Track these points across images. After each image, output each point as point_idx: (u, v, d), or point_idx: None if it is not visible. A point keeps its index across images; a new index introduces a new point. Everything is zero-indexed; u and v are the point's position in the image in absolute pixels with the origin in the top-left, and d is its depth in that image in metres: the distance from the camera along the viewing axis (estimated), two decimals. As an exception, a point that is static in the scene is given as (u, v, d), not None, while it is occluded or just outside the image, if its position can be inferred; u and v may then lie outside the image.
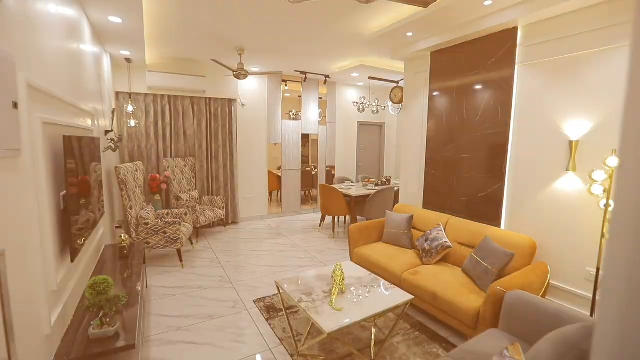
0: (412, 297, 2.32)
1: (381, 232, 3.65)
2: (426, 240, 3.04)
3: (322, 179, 6.76)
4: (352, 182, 5.68)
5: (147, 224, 3.58)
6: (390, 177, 5.80)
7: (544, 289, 2.36)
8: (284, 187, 6.30)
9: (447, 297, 2.40)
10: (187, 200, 4.82)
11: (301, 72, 5.63)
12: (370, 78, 5.40)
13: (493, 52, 2.80)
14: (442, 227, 3.09)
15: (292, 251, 4.40)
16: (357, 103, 5.37)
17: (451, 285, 2.51)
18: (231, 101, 5.39)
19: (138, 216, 3.65)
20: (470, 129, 3.02)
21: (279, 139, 6.09)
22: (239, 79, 4.21)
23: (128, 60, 4.25)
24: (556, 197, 2.48)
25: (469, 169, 3.07)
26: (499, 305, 2.06)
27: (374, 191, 4.94)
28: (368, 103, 5.29)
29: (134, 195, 3.79)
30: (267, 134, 5.93)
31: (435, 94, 3.37)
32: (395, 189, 5.07)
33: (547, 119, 2.50)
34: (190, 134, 5.14)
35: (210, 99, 5.22)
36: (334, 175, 6.97)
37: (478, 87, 2.95)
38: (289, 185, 6.34)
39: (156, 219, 4.04)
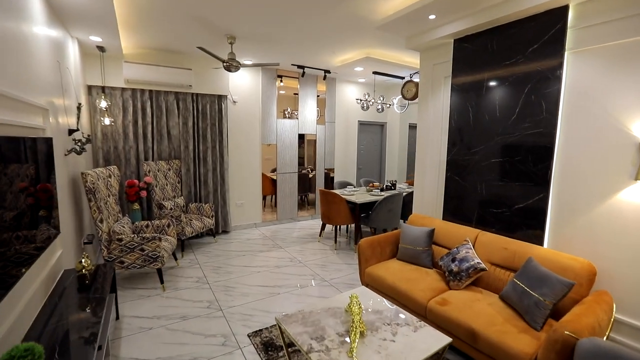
0: (450, 339, 1.84)
1: (395, 247, 3.18)
2: (453, 260, 2.57)
3: (320, 183, 6.26)
4: (354, 187, 5.20)
5: (120, 240, 3.02)
6: (395, 181, 5.34)
7: (610, 326, 1.91)
8: (279, 192, 5.78)
9: (490, 337, 1.93)
10: (171, 209, 4.26)
11: (299, 66, 5.12)
12: (375, 73, 4.93)
13: (535, 37, 2.35)
14: (470, 244, 2.63)
15: (290, 267, 3.89)
16: (361, 100, 4.89)
17: (492, 319, 2.04)
18: (221, 97, 4.86)
19: (110, 230, 3.09)
20: (505, 129, 2.57)
21: (274, 139, 5.57)
22: (230, 71, 3.68)
23: (101, 48, 3.68)
24: (620, 212, 2.04)
25: (502, 175, 2.61)
26: (569, 357, 1.59)
27: (380, 197, 4.47)
28: (372, 100, 4.82)
29: (107, 206, 3.23)
30: (260, 134, 5.41)
31: (459, 88, 2.91)
32: (404, 193, 4.61)
33: (609, 116, 2.06)
34: (175, 133, 4.58)
35: (197, 94, 4.67)
36: (331, 178, 6.48)
37: (515, 79, 2.49)
38: (285, 189, 5.83)
39: (133, 233, 3.49)
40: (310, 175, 6.62)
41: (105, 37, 3.33)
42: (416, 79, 4.28)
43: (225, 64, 3.61)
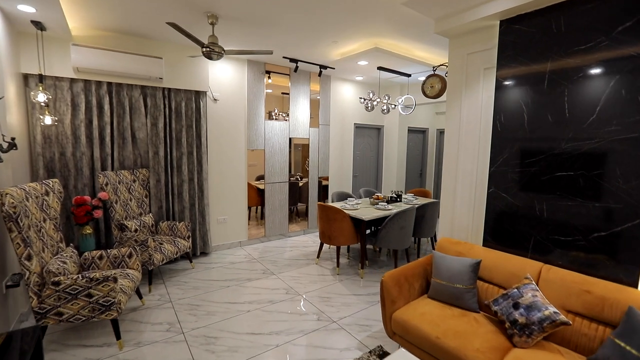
0: None
1: (424, 280, 2.53)
2: (516, 307, 1.94)
3: (312, 194, 5.55)
4: (355, 199, 4.53)
5: (57, 283, 2.18)
6: (401, 192, 4.72)
7: None
8: (268, 205, 5.01)
9: None
10: (136, 231, 3.42)
11: (291, 60, 4.42)
12: (380, 69, 4.30)
13: (628, 11, 1.78)
14: (533, 282, 2.01)
15: (287, 301, 3.14)
16: (364, 99, 4.25)
17: (600, 406, 1.41)
18: (199, 94, 4.06)
19: (44, 270, 2.24)
20: (578, 133, 1.98)
21: (262, 143, 4.82)
22: (211, 58, 2.92)
23: (37, 25, 2.81)
24: None
25: (573, 192, 2.02)
26: None
27: (390, 212, 3.82)
28: (378, 99, 4.19)
29: (40, 235, 2.37)
30: (246, 138, 4.64)
31: (507, 82, 2.31)
32: (416, 206, 3.99)
33: None
34: (142, 137, 3.74)
35: (170, 90, 3.85)
36: (324, 187, 5.79)
37: (594, 69, 1.91)
38: (274, 202, 5.07)
39: (80, 270, 2.63)
40: (300, 184, 5.90)
41: (41, 7, 2.49)
42: (437, 72, 3.68)
43: (204, 49, 2.85)
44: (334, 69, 4.87)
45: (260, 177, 5.08)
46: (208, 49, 2.87)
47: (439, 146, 7.36)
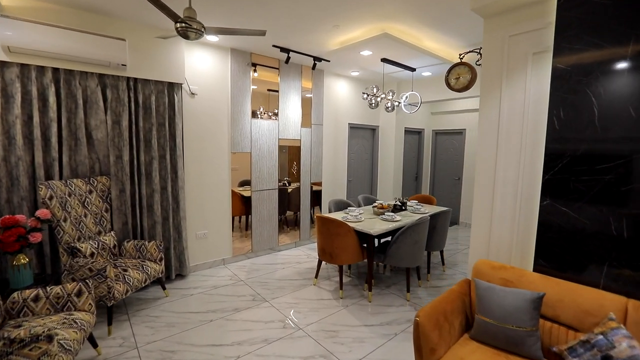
0: None
1: (462, 314, 2.02)
2: (607, 362, 1.46)
3: (305, 202, 4.97)
4: (355, 208, 4.00)
5: (-41, 350, 1.49)
6: (406, 199, 4.24)
7: None
8: (255, 215, 4.38)
9: None
10: (92, 255, 2.71)
11: (282, 49, 3.84)
12: (384, 61, 3.80)
13: None
14: (622, 325, 1.55)
15: (285, 340, 2.55)
16: (368, 95, 3.73)
17: None
18: (174, 87, 3.39)
19: (-60, 329, 1.53)
20: (676, 132, 1.54)
21: (247, 146, 4.19)
22: (188, 37, 2.29)
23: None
24: None
25: (667, 208, 1.57)
26: None
27: (399, 224, 3.32)
28: (382, 95, 3.69)
29: (-61, 276, 1.65)
30: (230, 139, 4.00)
31: (568, 69, 1.85)
32: (427, 213, 3.51)
33: None
34: (101, 137, 3.03)
35: (136, 80, 3.17)
36: (315, 193, 5.22)
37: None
38: (262, 212, 4.45)
39: (4, 318, 1.92)
40: (289, 190, 5.30)
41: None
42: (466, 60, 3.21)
43: (179, 24, 2.22)
44: (329, 61, 4.32)
45: (245, 183, 4.44)
46: (184, 24, 2.23)
47: (434, 148, 6.99)
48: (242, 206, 4.66)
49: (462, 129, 6.44)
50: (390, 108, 3.87)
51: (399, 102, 4.00)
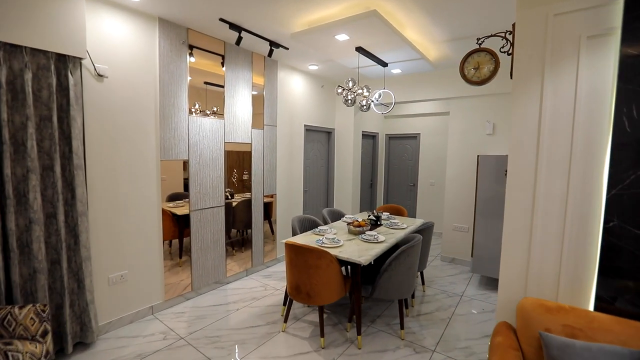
0: None
1: (528, 387, 1.47)
2: None
3: (258, 219, 4.09)
4: (326, 227, 3.31)
5: None
6: (381, 213, 3.70)
7: None
8: (196, 242, 3.35)
9: None
10: None
11: (232, 25, 2.95)
12: (359, 50, 3.19)
13: None
14: None
15: None
16: (343, 89, 3.07)
17: None
18: (67, 62, 2.24)
19: None
20: None
21: (184, 151, 3.16)
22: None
23: None
24: None
25: None
26: None
27: (388, 245, 2.73)
28: (360, 90, 3.07)
29: None
30: (158, 142, 2.93)
31: (640, 55, 1.45)
32: (406, 228, 2.99)
33: None
34: None
35: (5, 46, 1.96)
36: (265, 206, 4.37)
37: None
38: (205, 235, 3.43)
39: None
40: (234, 204, 4.33)
41: None
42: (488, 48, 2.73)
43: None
44: (287, 49, 3.56)
45: (176, 197, 3.36)
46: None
47: (388, 154, 6.71)
48: (174, 227, 3.55)
49: (416, 133, 6.27)
50: (365, 107, 3.28)
51: (373, 101, 3.44)
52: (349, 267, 3.42)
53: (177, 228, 3.41)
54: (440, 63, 3.94)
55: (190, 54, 3.22)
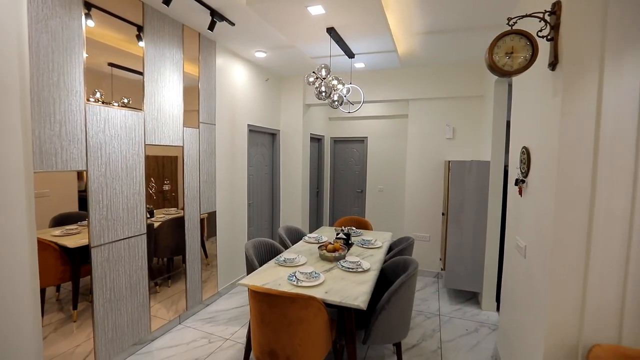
0: None
1: None
2: None
3: (192, 244, 3.12)
4: (294, 256, 2.60)
5: None
6: (351, 229, 3.15)
7: None
8: (102, 293, 2.26)
9: None
10: None
11: (158, -24, 2.03)
12: (330, 32, 2.57)
13: None
14: None
15: None
16: (317, 78, 2.40)
17: None
18: None
19: None
20: None
21: (79, 157, 2.08)
22: None
23: None
24: None
25: None
26: None
27: (375, 274, 2.18)
28: (334, 82, 2.44)
29: None
30: (31, 143, 1.82)
31: None
32: (380, 246, 2.49)
33: None
34: None
35: None
36: (201, 223, 3.42)
37: None
38: (118, 281, 2.36)
39: None
40: (156, 225, 3.25)
41: None
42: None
43: None
44: (233, 24, 2.74)
45: (65, 220, 2.22)
46: None
47: (333, 158, 6.26)
48: (63, 266, 2.37)
49: (363, 136, 5.95)
50: (337, 102, 2.68)
51: (344, 96, 2.85)
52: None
53: (70, 266, 2.26)
54: (406, 60, 3.61)
55: (88, 15, 2.16)
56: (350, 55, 3.08)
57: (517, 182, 2.10)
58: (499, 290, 3.32)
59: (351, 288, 2.04)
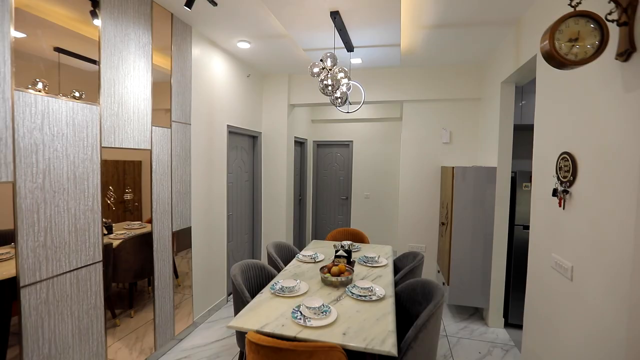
0: None
1: None
2: None
3: (163, 267, 2.58)
4: (295, 283, 2.17)
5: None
6: (350, 244, 2.77)
7: None
8: (36, 345, 1.67)
9: None
10: None
11: None
12: (334, 17, 2.19)
13: None
14: None
15: None
16: (322, 69, 2.00)
17: None
18: None
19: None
20: None
21: (6, 165, 1.52)
22: None
23: None
24: None
25: None
26: None
27: (392, 301, 1.82)
28: (341, 74, 2.06)
29: None
30: None
31: None
32: (385, 264, 2.15)
33: None
34: None
35: None
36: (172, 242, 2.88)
37: None
38: (61, 328, 1.79)
39: None
40: (115, 244, 2.65)
41: None
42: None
43: None
44: (215, 4, 2.27)
45: None
46: None
47: (316, 163, 5.87)
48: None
49: (348, 140, 5.63)
50: (340, 100, 2.30)
51: (347, 93, 2.48)
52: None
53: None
54: (406, 57, 3.32)
55: (21, -22, 1.60)
56: (350, 48, 2.72)
57: (555, 193, 1.83)
58: (506, 306, 3.10)
59: (371, 325, 1.65)
